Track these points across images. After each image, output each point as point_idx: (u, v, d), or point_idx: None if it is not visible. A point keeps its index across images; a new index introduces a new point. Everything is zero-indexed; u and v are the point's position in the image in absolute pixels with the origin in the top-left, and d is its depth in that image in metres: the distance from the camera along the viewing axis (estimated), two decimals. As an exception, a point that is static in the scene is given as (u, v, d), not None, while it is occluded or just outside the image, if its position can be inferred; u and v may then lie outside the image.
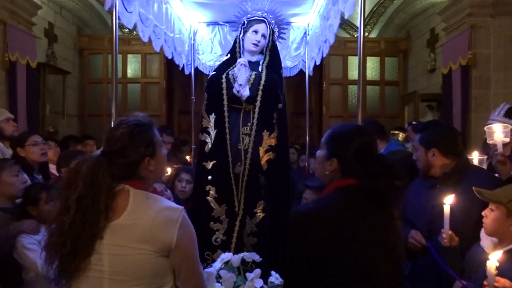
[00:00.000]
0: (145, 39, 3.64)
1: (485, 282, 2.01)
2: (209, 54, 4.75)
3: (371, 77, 8.91)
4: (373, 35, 9.32)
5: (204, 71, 4.79)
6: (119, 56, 8.35)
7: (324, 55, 4.27)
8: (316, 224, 1.89)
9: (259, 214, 3.51)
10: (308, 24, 4.61)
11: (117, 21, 2.99)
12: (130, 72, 8.85)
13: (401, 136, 5.57)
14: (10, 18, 5.76)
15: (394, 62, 9.00)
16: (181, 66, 4.80)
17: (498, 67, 5.64)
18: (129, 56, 8.79)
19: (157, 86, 8.72)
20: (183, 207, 1.90)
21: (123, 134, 1.86)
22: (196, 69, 4.92)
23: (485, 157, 3.45)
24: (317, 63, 4.57)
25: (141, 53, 8.68)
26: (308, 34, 4.64)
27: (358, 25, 2.68)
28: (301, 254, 1.90)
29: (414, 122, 5.71)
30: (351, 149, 1.99)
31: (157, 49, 3.96)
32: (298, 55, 4.80)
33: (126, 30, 9.13)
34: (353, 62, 8.78)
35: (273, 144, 3.55)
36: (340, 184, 1.99)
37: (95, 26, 9.00)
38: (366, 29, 8.99)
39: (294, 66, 4.84)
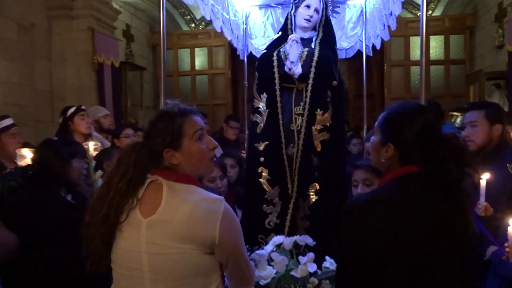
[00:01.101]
0: (207, 17, 3.32)
1: (506, 244, 1.95)
2: (262, 38, 4.30)
3: (435, 56, 8.33)
4: (437, 13, 8.76)
5: (258, 56, 4.35)
6: (188, 50, 9.03)
7: (394, 28, 3.70)
8: (373, 216, 1.56)
9: (312, 196, 3.13)
10: (365, 1, 4.06)
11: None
12: (197, 65, 9.03)
13: (459, 118, 4.92)
14: (96, 25, 6.17)
15: (460, 40, 8.35)
16: (238, 49, 4.40)
17: None
18: (196, 49, 9.00)
19: (223, 77, 8.85)
20: (222, 197, 1.62)
21: (150, 122, 1.71)
22: (251, 54, 4.50)
23: None
24: (386, 39, 4.01)
25: (207, 46, 8.85)
26: (365, 12, 4.09)
27: (420, 3, 2.21)
28: (356, 248, 1.58)
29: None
30: (411, 131, 1.62)
31: (218, 29, 3.62)
32: (355, 35, 4.26)
33: (193, 25, 9.51)
34: (416, 42, 8.18)
35: (327, 124, 3.13)
36: (399, 172, 1.64)
37: (166, 23, 8.92)
38: (429, 7, 8.70)
39: (350, 47, 4.31)
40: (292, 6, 3.31)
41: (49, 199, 2.40)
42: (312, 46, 3.24)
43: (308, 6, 3.23)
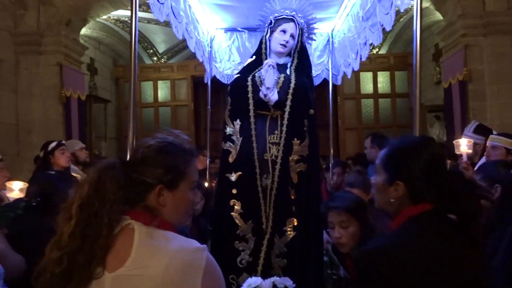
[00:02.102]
0: (179, 36, 2.87)
1: None
2: (226, 62, 3.90)
3: (383, 90, 8.54)
4: (383, 51, 9.01)
5: (222, 80, 3.93)
6: (151, 83, 8.65)
7: (364, 59, 3.43)
8: (397, 263, 1.30)
9: (289, 233, 2.69)
10: (333, 30, 3.76)
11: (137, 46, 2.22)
12: (160, 97, 8.78)
13: None
14: (64, 60, 6.10)
15: (404, 76, 8.55)
16: (205, 72, 3.94)
17: (492, 81, 5.54)
18: (159, 82, 8.72)
19: (186, 108, 8.67)
20: (205, 246, 1.23)
21: (150, 147, 1.31)
22: (214, 78, 4.08)
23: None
24: (355, 69, 3.71)
25: (170, 79, 8.67)
26: (332, 42, 3.78)
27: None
28: None
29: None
30: (419, 166, 1.42)
31: (192, 49, 3.19)
32: (321, 63, 3.92)
33: (155, 58, 9.39)
34: (365, 77, 8.51)
35: (304, 154, 2.75)
36: (412, 212, 1.41)
37: (128, 56, 8.65)
38: (376, 46, 8.67)
39: (317, 75, 3.93)
40: (267, 30, 2.95)
41: (52, 227, 2.07)
42: (287, 72, 2.88)
43: (284, 31, 2.88)
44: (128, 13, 7.35)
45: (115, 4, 6.47)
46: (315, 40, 3.27)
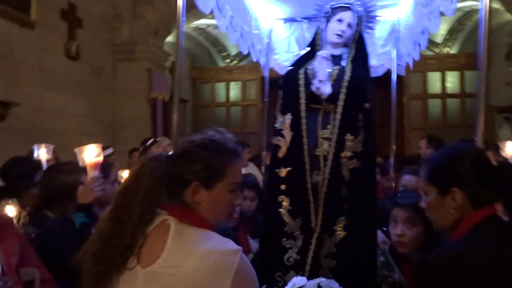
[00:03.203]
0: (222, 29, 2.64)
1: None
2: (285, 53, 3.55)
3: (452, 90, 7.94)
4: (454, 51, 8.32)
5: (279, 72, 3.58)
6: (224, 84, 8.68)
7: (423, 48, 2.98)
8: (465, 272, 1.14)
9: (339, 232, 2.35)
10: (398, 19, 3.30)
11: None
12: (232, 97, 8.80)
13: None
14: (152, 66, 6.48)
15: (475, 75, 7.73)
16: (262, 64, 3.60)
17: None
18: (232, 83, 8.77)
19: (255, 108, 8.64)
20: (240, 247, 1.12)
21: (193, 142, 1.23)
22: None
23: None
24: (416, 59, 3.25)
25: (241, 80, 8.64)
26: (398, 30, 3.32)
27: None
28: None
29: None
30: (467, 168, 1.29)
31: (233, 42, 2.91)
32: (385, 53, 3.44)
33: (228, 60, 9.42)
34: (433, 77, 7.97)
35: (358, 150, 2.39)
36: (476, 218, 1.23)
37: (205, 59, 9.29)
38: (446, 44, 8.37)
39: (380, 65, 3.48)
40: (323, 20, 2.62)
41: None
42: (343, 64, 2.54)
43: (340, 20, 2.53)
44: (204, 21, 7.48)
45: (196, 15, 6.66)
46: (373, 29, 2.86)
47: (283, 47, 3.54)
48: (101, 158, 2.23)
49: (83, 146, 2.24)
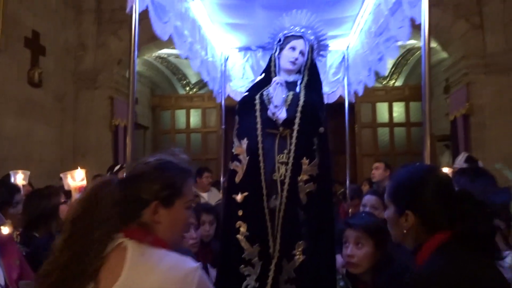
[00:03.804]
0: (184, 55, 2.56)
1: None
2: (240, 80, 3.53)
3: (398, 119, 8.18)
4: (399, 83, 8.63)
5: (235, 98, 3.54)
6: (184, 111, 8.51)
7: (383, 74, 3.00)
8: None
9: (298, 257, 2.23)
10: (348, 47, 3.32)
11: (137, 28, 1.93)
12: (192, 124, 8.64)
13: None
14: (115, 93, 6.35)
15: (418, 106, 8.13)
16: (215, 92, 3.58)
17: (491, 115, 5.59)
18: (192, 110, 8.61)
19: (215, 135, 8.50)
20: (199, 264, 1.07)
21: (148, 163, 1.20)
22: (228, 97, 3.72)
23: None
24: (369, 85, 3.27)
25: (201, 108, 8.51)
26: (347, 58, 3.34)
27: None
28: None
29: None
30: (427, 193, 1.24)
31: (195, 69, 2.83)
32: (336, 80, 3.49)
33: (188, 88, 9.28)
34: (381, 108, 8.19)
35: (314, 173, 2.32)
36: (432, 245, 1.20)
37: (165, 87, 9.16)
38: (392, 77, 8.70)
39: (332, 92, 3.51)
40: (276, 47, 2.58)
41: None
42: (297, 90, 2.48)
43: (293, 48, 2.50)
44: (166, 51, 7.41)
45: (159, 46, 6.71)
46: (325, 56, 2.87)
47: (238, 74, 3.49)
48: (85, 182, 2.38)
49: (69, 171, 2.42)
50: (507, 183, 1.75)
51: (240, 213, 2.31)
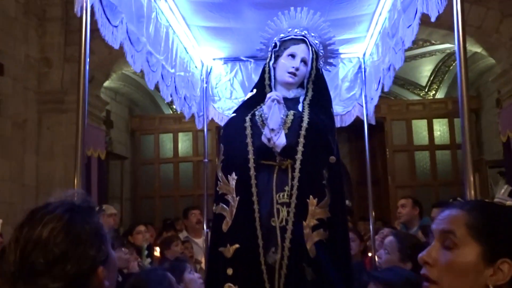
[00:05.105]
0: (137, 69, 2.39)
1: None
2: (227, 100, 3.37)
3: (441, 141, 7.88)
4: (440, 95, 8.40)
5: (221, 123, 3.32)
6: (171, 135, 8.25)
7: (386, 89, 2.86)
8: None
9: (306, 329, 2.05)
10: (364, 54, 3.19)
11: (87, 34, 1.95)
12: (181, 151, 8.34)
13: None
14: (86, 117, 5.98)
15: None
16: (188, 116, 3.38)
17: None
18: (180, 134, 8.30)
19: (210, 164, 7.98)
20: None
21: (52, 231, 1.01)
22: (212, 122, 3.59)
23: None
24: (373, 103, 3.12)
25: (192, 131, 8.08)
26: (365, 68, 3.18)
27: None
28: None
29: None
30: None
31: (151, 86, 2.67)
32: (352, 97, 3.29)
33: (175, 106, 8.74)
34: (419, 126, 7.89)
35: (324, 217, 2.19)
36: None
37: (147, 106, 9.04)
38: (432, 88, 8.50)
39: (347, 112, 3.29)
40: (271, 55, 2.48)
41: None
42: (300, 108, 2.39)
43: (292, 55, 2.40)
44: None
45: None
46: (335, 66, 2.74)
47: (225, 93, 3.37)
48: None
49: None
50: None
51: (229, 271, 2.18)
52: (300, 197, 2.20)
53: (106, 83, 7.27)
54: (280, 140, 2.23)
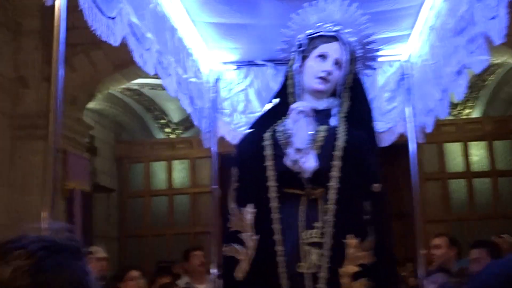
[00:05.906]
0: (150, 71, 2.24)
1: None
2: (241, 115, 3.22)
3: (478, 167, 7.85)
4: (476, 114, 8.38)
5: (233, 142, 3.21)
6: (164, 164, 8.35)
7: (459, 98, 2.64)
8: None
9: None
10: (409, 57, 2.99)
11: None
12: (176, 182, 8.39)
13: None
14: (67, 144, 6.15)
15: (507, 146, 7.91)
16: (202, 133, 3.23)
17: None
18: (175, 162, 8.37)
19: (209, 196, 7.96)
20: None
21: (16, 271, 0.92)
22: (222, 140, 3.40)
23: None
24: (442, 117, 2.90)
25: (189, 158, 8.28)
26: (412, 75, 2.96)
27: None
28: None
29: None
30: None
31: (172, 94, 2.54)
32: (393, 110, 3.13)
33: (168, 130, 9.17)
34: (452, 150, 7.93)
35: (367, 262, 2.04)
36: None
37: (136, 129, 9.11)
38: (465, 105, 8.40)
39: (389, 129, 3.12)
40: (296, 57, 2.32)
41: None
42: (333, 122, 2.27)
43: (323, 57, 2.25)
44: (139, 81, 7.45)
45: (129, 76, 6.57)
46: (375, 69, 2.57)
47: (238, 106, 3.23)
48: None
49: None
50: None
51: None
52: (336, 237, 2.05)
53: (89, 105, 7.34)
54: (309, 163, 2.11)
